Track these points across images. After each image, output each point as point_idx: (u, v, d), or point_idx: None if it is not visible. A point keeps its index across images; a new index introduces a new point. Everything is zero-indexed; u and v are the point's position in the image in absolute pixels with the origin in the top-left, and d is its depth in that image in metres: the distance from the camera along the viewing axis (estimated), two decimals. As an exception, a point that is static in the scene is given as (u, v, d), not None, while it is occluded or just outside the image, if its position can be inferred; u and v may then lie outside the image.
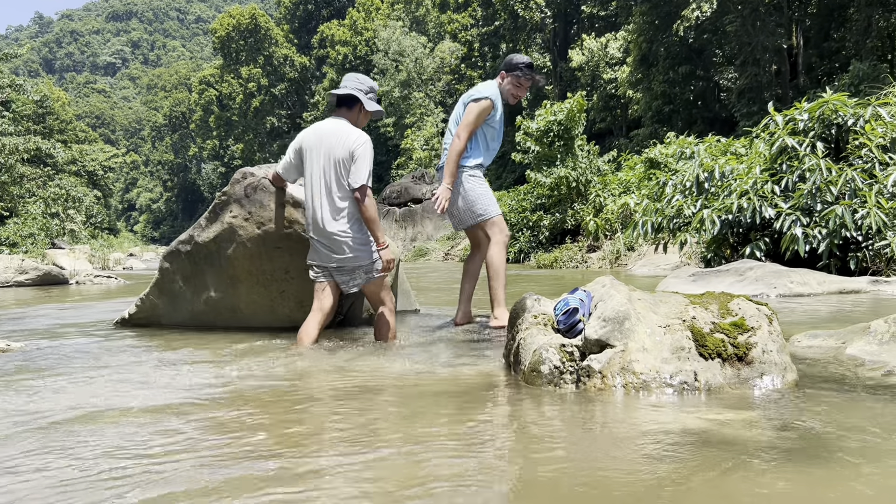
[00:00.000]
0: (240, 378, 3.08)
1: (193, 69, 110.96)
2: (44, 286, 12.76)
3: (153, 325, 5.13)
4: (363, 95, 4.10)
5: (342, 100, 4.12)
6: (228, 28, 74.07)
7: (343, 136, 3.94)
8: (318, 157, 3.96)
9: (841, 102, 8.31)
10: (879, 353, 2.97)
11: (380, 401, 2.67)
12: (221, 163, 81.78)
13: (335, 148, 3.92)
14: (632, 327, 2.67)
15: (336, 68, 65.71)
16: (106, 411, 2.49)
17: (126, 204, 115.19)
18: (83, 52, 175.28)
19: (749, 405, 2.39)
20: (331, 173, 3.92)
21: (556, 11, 46.75)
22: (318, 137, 4.01)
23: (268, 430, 2.19)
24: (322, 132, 4.02)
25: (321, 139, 3.99)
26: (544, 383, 2.72)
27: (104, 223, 44.49)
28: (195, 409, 2.51)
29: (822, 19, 29.56)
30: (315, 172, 3.97)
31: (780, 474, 1.69)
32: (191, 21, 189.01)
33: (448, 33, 51.74)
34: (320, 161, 3.95)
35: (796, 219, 7.77)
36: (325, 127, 4.04)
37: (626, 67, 37.37)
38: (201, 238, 4.62)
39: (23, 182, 25.21)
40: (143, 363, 3.54)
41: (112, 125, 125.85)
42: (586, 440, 2.05)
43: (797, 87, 28.16)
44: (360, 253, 3.93)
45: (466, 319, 4.71)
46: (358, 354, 3.70)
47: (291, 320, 4.72)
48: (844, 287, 6.69)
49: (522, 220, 21.15)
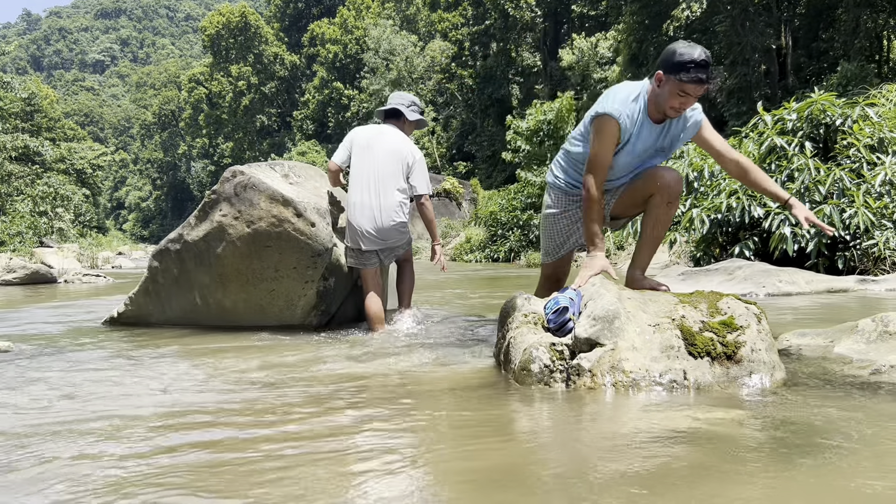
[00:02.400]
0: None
1: (183, 67, 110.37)
2: (32, 285, 12.67)
3: (142, 324, 5.10)
4: (405, 108, 4.70)
5: (388, 113, 4.75)
6: (218, 26, 73.73)
7: (401, 143, 4.56)
8: (377, 156, 4.48)
9: (829, 102, 8.35)
10: (867, 352, 2.98)
11: (364, 399, 2.66)
12: (211, 161, 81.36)
13: (395, 152, 4.50)
14: (622, 326, 2.67)
15: (326, 67, 65.53)
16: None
17: (115, 202, 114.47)
18: (71, 49, 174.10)
19: (738, 404, 2.40)
20: (389, 171, 4.46)
21: (547, 11, 46.78)
22: (375, 138, 4.55)
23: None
24: (380, 134, 4.58)
25: (378, 141, 4.54)
26: (534, 382, 2.72)
27: (93, 221, 44.21)
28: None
29: (811, 20, 29.72)
30: (371, 170, 4.46)
31: (769, 472, 1.69)
32: (180, 19, 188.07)
33: (438, 32, 51.65)
34: (378, 160, 4.47)
35: (785, 218, 7.81)
36: (383, 130, 4.61)
37: (616, 67, 37.45)
38: (191, 237, 4.60)
39: (11, 180, 25.04)
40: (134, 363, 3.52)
41: (101, 123, 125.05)
42: (575, 438, 2.05)
43: (786, 87, 28.28)
44: (404, 236, 4.61)
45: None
46: (348, 353, 3.70)
47: (280, 319, 4.71)
48: (832, 286, 6.73)
49: (513, 219, 21.15)
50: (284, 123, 75.61)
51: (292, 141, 69.92)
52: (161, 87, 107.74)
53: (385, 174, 4.44)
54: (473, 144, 47.52)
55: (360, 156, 4.52)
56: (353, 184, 4.52)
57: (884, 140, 8.13)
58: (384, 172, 4.44)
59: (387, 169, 4.45)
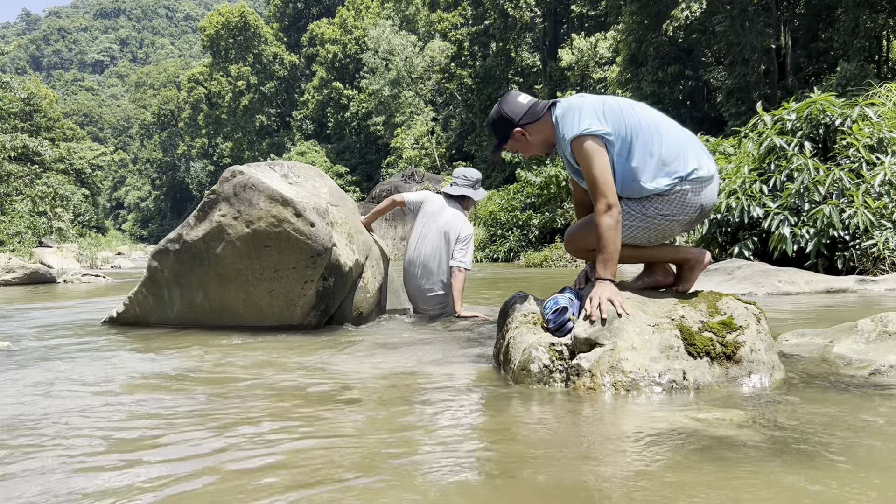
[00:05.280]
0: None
1: (182, 67, 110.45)
2: (31, 285, 12.67)
3: (141, 324, 5.10)
4: (471, 191, 5.32)
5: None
6: (217, 26, 73.77)
7: (459, 223, 5.16)
8: (431, 227, 5.19)
9: (829, 102, 8.35)
10: (866, 352, 2.98)
11: (361, 398, 2.66)
12: (210, 161, 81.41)
13: (451, 230, 5.13)
14: (621, 326, 2.67)
15: (325, 67, 65.57)
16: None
17: (114, 202, 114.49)
18: (71, 49, 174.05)
19: (738, 404, 2.40)
20: (439, 245, 5.15)
21: (546, 11, 46.81)
22: (439, 212, 5.22)
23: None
24: (443, 210, 5.24)
25: (440, 215, 5.20)
26: (534, 382, 2.72)
27: (92, 221, 44.26)
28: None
29: (810, 20, 29.76)
30: (423, 236, 5.20)
31: (768, 472, 1.69)
32: (179, 19, 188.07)
33: (438, 32, 51.68)
34: (432, 230, 5.17)
35: (784, 218, 7.81)
36: (447, 208, 5.25)
37: (615, 67, 37.48)
38: (190, 237, 4.60)
39: (10, 180, 25.03)
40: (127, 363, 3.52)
41: (100, 123, 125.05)
42: (574, 439, 2.05)
43: (785, 88, 28.32)
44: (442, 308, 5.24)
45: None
46: (347, 353, 3.69)
47: (280, 319, 4.71)
48: (832, 286, 6.74)
49: (512, 218, 21.17)
50: (284, 123, 75.64)
51: (291, 141, 69.98)
52: (160, 87, 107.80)
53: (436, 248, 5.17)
54: (473, 144, 47.56)
55: (424, 220, 5.30)
56: (413, 241, 5.30)
57: (883, 140, 8.13)
58: (435, 246, 5.17)
59: (439, 244, 5.18)
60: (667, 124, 2.98)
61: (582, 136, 2.83)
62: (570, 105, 2.96)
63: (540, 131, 3.06)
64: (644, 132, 2.88)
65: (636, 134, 2.87)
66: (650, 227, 2.92)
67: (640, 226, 2.91)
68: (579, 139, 2.84)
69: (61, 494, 1.65)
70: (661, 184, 2.86)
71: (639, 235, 2.94)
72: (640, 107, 3.01)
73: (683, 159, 2.88)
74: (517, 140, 3.12)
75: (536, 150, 3.15)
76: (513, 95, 3.14)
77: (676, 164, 2.87)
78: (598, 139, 2.83)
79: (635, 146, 2.87)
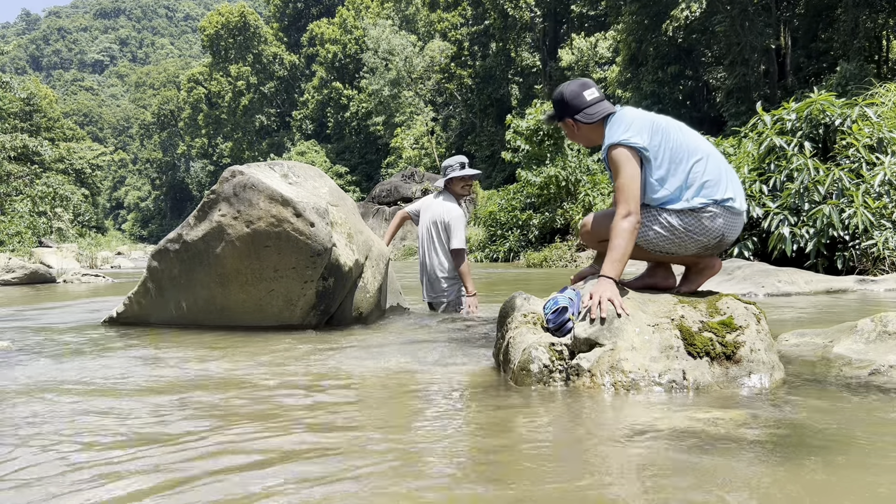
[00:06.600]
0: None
1: (182, 67, 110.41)
2: (31, 285, 12.67)
3: (141, 324, 5.10)
4: (455, 172, 5.54)
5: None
6: (217, 26, 73.74)
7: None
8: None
9: (828, 102, 8.36)
10: (866, 352, 2.98)
11: (361, 399, 2.66)
12: (210, 161, 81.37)
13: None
14: (621, 326, 2.67)
15: (325, 67, 65.55)
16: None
17: (114, 202, 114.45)
18: (70, 49, 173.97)
19: (737, 404, 2.40)
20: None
21: (546, 11, 46.79)
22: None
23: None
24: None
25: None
26: (534, 382, 2.72)
27: (92, 221, 44.24)
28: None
29: (810, 20, 29.75)
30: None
31: (768, 472, 1.69)
32: (179, 19, 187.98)
33: (438, 32, 51.65)
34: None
35: (784, 218, 7.81)
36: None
37: (615, 67, 37.48)
38: (190, 237, 4.60)
39: (9, 180, 25.04)
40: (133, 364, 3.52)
41: (100, 123, 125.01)
42: (574, 439, 2.05)
43: (785, 88, 28.31)
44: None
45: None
46: (347, 353, 3.69)
47: (279, 319, 4.71)
48: (831, 286, 6.74)
49: (512, 218, 21.17)
50: (283, 123, 75.63)
51: (291, 141, 69.97)
52: (160, 86, 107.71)
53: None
54: (473, 144, 47.56)
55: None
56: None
57: (883, 140, 8.14)
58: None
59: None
60: (714, 151, 3.10)
61: (619, 144, 2.94)
62: (623, 116, 3.08)
63: (589, 131, 3.19)
64: (688, 152, 2.99)
65: (680, 151, 2.99)
66: (670, 238, 3.00)
67: (662, 234, 2.99)
68: (616, 147, 2.96)
69: (61, 494, 1.65)
70: (695, 202, 2.95)
71: (657, 242, 3.02)
72: (688, 130, 3.15)
73: (723, 186, 2.98)
74: (567, 125, 3.26)
75: (580, 141, 3.30)
76: (580, 86, 3.21)
77: (715, 187, 2.97)
78: (634, 150, 2.94)
79: (679, 163, 2.98)
